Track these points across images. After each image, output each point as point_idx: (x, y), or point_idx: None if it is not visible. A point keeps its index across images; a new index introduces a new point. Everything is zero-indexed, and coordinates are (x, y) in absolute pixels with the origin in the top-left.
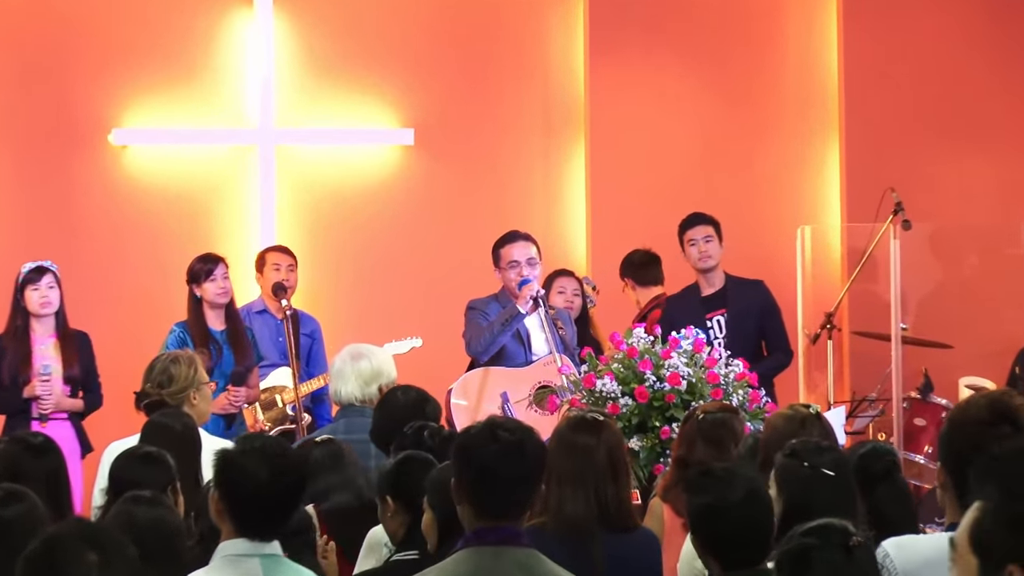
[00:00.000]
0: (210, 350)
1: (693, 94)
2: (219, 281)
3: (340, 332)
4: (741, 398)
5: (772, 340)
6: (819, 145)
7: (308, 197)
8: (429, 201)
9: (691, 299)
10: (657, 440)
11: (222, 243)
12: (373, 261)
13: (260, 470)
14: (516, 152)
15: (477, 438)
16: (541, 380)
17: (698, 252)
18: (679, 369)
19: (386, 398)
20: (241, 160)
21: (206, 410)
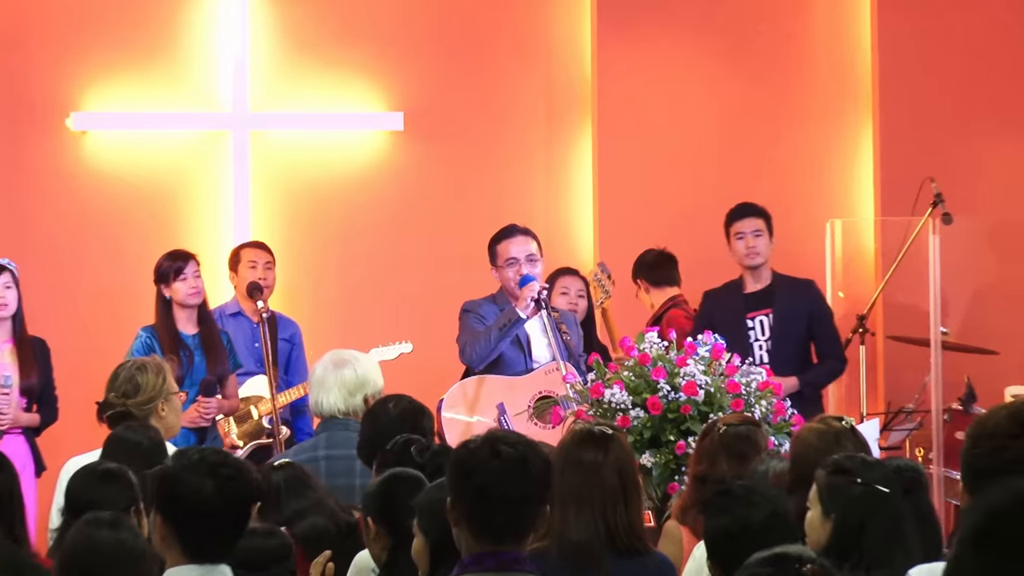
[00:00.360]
0: (180, 357)
1: (711, 75)
2: (190, 280)
3: (322, 337)
4: (764, 409)
5: (823, 346)
6: (850, 130)
7: (286, 188)
8: (420, 192)
9: (733, 295)
10: (671, 456)
11: (192, 239)
12: (358, 258)
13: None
14: (516, 138)
15: (476, 453)
16: (542, 390)
17: (745, 247)
18: (696, 377)
19: (374, 410)
20: (213, 147)
21: (175, 423)
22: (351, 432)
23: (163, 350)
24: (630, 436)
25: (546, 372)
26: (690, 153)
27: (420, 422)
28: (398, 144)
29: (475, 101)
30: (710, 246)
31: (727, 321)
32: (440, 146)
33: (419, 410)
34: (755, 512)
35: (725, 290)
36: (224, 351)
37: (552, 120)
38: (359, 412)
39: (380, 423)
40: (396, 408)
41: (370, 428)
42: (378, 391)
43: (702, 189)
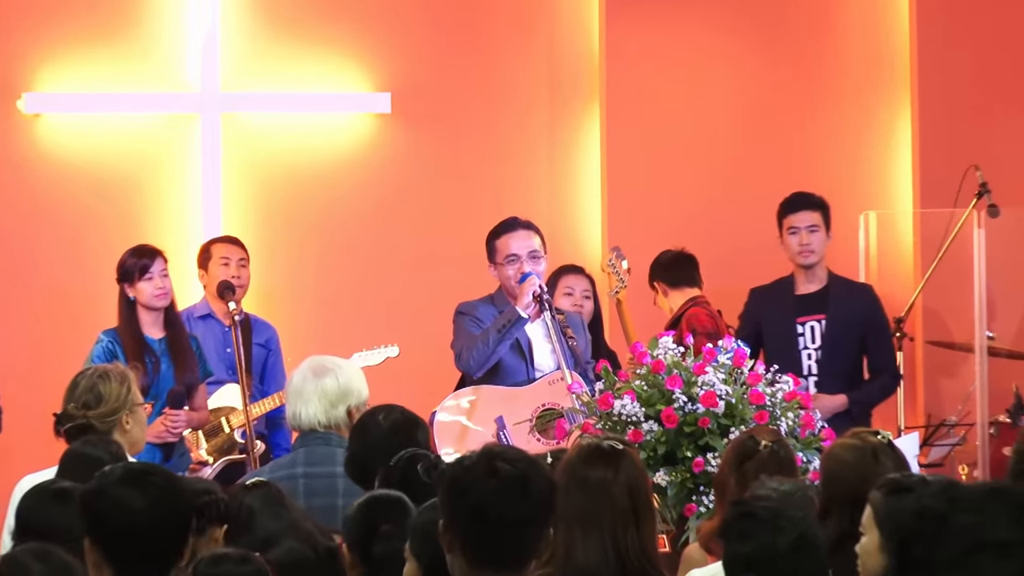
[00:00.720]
0: (146, 364)
1: (732, 53)
2: (157, 279)
3: (300, 341)
4: (791, 423)
5: (877, 359)
6: (886, 114)
7: (262, 177)
8: (409, 182)
9: (782, 295)
10: (688, 474)
11: (157, 233)
12: (341, 255)
13: (131, 498)
14: (516, 122)
15: (472, 471)
16: (546, 402)
17: (798, 243)
18: (715, 387)
19: (363, 422)
20: (180, 131)
21: (140, 437)
22: (333, 447)
23: (126, 356)
24: (642, 452)
25: (550, 382)
26: (709, 139)
27: (414, 435)
28: (385, 128)
29: (470, 81)
30: (732, 242)
31: (774, 324)
32: (432, 131)
33: (413, 422)
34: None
35: (774, 289)
36: (193, 358)
37: (556, 102)
38: (342, 425)
39: (370, 437)
40: (387, 420)
41: (359, 443)
42: (363, 402)
43: (722, 179)
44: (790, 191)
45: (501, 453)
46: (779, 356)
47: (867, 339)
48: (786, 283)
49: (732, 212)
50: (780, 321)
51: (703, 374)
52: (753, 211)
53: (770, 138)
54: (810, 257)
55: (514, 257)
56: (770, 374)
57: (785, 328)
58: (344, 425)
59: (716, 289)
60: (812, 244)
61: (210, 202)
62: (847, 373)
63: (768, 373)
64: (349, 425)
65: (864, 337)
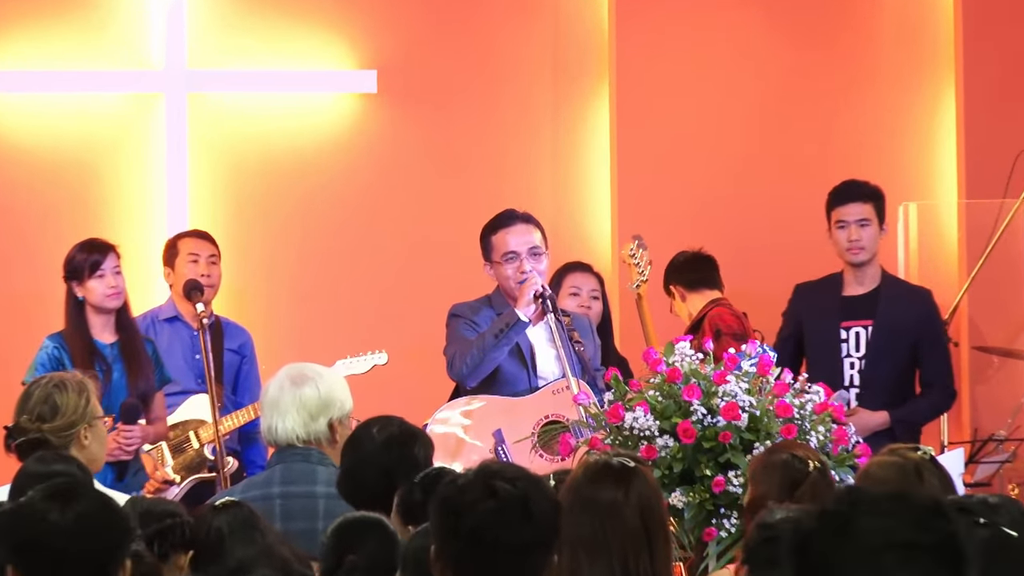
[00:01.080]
0: (96, 371)
1: (755, 27)
2: (109, 277)
3: (277, 347)
4: (822, 437)
5: (929, 373)
6: (927, 97)
7: (233, 164)
8: (398, 169)
9: (829, 295)
10: (708, 494)
11: (117, 226)
12: (321, 250)
13: (55, 517)
14: (516, 103)
15: (467, 492)
16: (549, 413)
17: (847, 239)
18: (738, 398)
19: (357, 436)
20: (141, 113)
21: (100, 454)
22: (312, 464)
23: (74, 363)
24: (656, 470)
25: (553, 391)
26: (730, 124)
27: (410, 450)
28: (370, 109)
29: (465, 57)
30: (756, 239)
31: (816, 328)
32: (422, 113)
33: (410, 435)
34: None
35: (820, 287)
36: (149, 364)
37: (561, 81)
38: (323, 440)
39: (362, 451)
40: (382, 433)
41: (351, 458)
42: (346, 414)
43: (745, 168)
44: (821, 181)
45: (499, 471)
46: (818, 363)
47: (920, 349)
48: (833, 282)
49: (756, 205)
50: (823, 324)
51: (724, 383)
52: (779, 204)
53: (798, 122)
54: (859, 255)
55: (513, 255)
56: (798, 383)
57: (827, 333)
58: (326, 440)
59: (739, 292)
60: (862, 240)
61: (175, 192)
62: (893, 386)
63: (796, 382)
64: (331, 440)
65: (916, 347)
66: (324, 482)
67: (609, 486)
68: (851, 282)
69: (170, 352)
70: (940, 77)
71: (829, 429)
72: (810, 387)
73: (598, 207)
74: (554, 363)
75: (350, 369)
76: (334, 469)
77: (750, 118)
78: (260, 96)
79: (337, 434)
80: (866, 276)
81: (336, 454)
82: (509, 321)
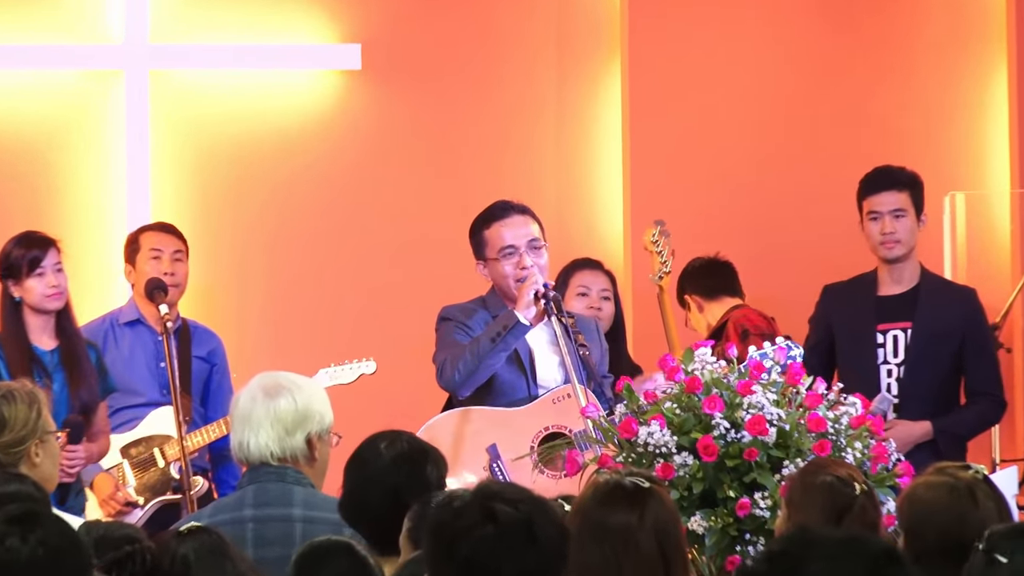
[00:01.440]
0: (35, 380)
1: (786, 2)
2: (49, 276)
3: (250, 354)
4: (859, 454)
5: (976, 380)
6: (977, 77)
7: (200, 148)
8: (385, 154)
9: (862, 296)
10: (731, 518)
11: (71, 218)
12: (300, 245)
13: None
14: (516, 82)
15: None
16: (551, 425)
17: (880, 232)
18: (765, 410)
19: (361, 454)
20: (98, 92)
21: (52, 473)
22: (288, 484)
23: (10, 371)
24: (674, 491)
25: (554, 399)
26: (757, 107)
27: (421, 469)
28: (353, 88)
29: (458, 30)
30: (783, 232)
31: (849, 331)
32: (411, 92)
33: (421, 452)
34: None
35: (852, 287)
36: (92, 372)
37: (566, 57)
38: (300, 457)
39: (368, 469)
40: (390, 450)
41: (355, 477)
42: (325, 428)
43: (774, 156)
44: (855, 170)
45: (500, 492)
46: (852, 372)
47: (964, 354)
48: (867, 281)
49: (783, 197)
50: (856, 328)
51: (750, 394)
52: (809, 195)
53: (831, 103)
54: (894, 249)
55: (511, 249)
56: (832, 394)
57: (862, 337)
58: (303, 457)
59: (765, 295)
60: (897, 233)
61: (136, 181)
62: (936, 395)
63: (830, 393)
64: (309, 457)
65: (960, 352)
66: (301, 504)
67: (622, 509)
68: (886, 281)
69: (132, 360)
70: (990, 52)
71: (867, 445)
72: (845, 398)
73: (609, 198)
74: (556, 369)
75: (334, 379)
76: (312, 490)
77: (777, 99)
78: (230, 73)
79: (316, 451)
80: (903, 274)
81: (315, 473)
82: (507, 324)
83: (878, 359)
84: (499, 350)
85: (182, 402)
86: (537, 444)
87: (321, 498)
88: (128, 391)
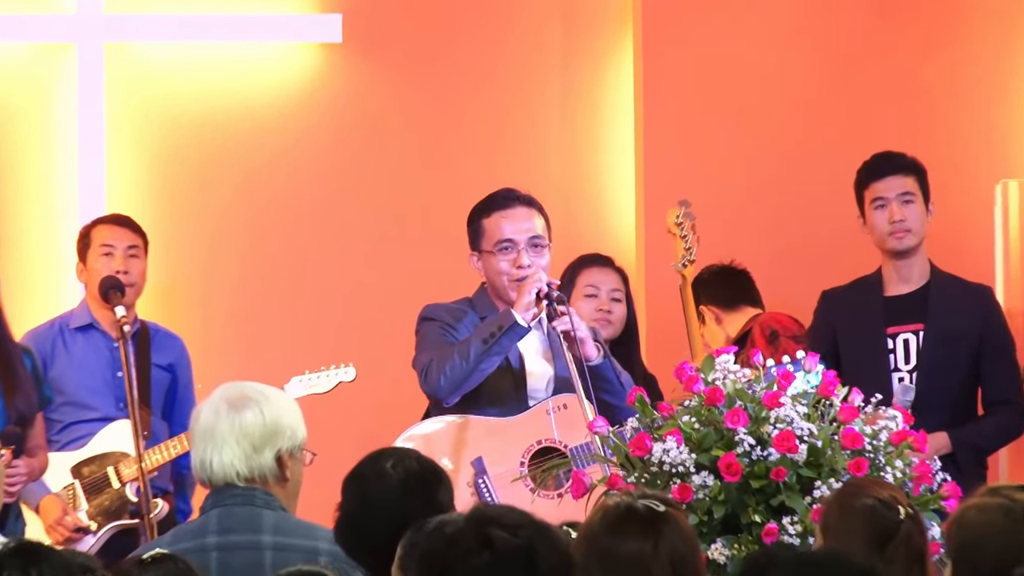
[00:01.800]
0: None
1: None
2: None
3: (216, 361)
4: (900, 474)
5: (994, 387)
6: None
7: (161, 130)
8: (367, 138)
9: (867, 298)
10: (756, 546)
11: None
12: (273, 239)
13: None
14: (516, 57)
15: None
16: (542, 438)
17: (887, 220)
18: (794, 424)
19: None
20: (48, 67)
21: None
22: (257, 507)
23: None
24: (692, 516)
25: (548, 410)
26: (784, 82)
27: (434, 492)
28: (333, 63)
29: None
30: (814, 228)
31: (856, 337)
32: (397, 67)
33: (434, 474)
34: None
35: (855, 290)
36: (28, 380)
37: (573, 30)
38: (269, 476)
39: (373, 492)
40: (398, 470)
41: (357, 499)
42: (297, 445)
43: (802, 137)
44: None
45: (496, 517)
46: (861, 381)
47: (982, 358)
48: (871, 282)
49: (818, 185)
50: (863, 333)
51: (777, 406)
52: (842, 184)
53: (867, 81)
54: (905, 238)
55: (508, 244)
56: (870, 407)
57: (870, 342)
58: (272, 477)
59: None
60: (908, 220)
61: (90, 167)
62: (952, 403)
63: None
64: (280, 476)
65: (978, 356)
66: (272, 530)
67: (634, 535)
68: (894, 279)
69: (84, 369)
70: None
71: (908, 464)
72: (884, 411)
73: (620, 187)
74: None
75: (309, 388)
76: (284, 514)
77: (809, 74)
78: (195, 47)
79: (288, 470)
80: (912, 271)
81: (287, 494)
82: (503, 324)
83: (890, 366)
84: (492, 353)
85: (141, 415)
86: (528, 459)
87: (294, 523)
88: (80, 404)
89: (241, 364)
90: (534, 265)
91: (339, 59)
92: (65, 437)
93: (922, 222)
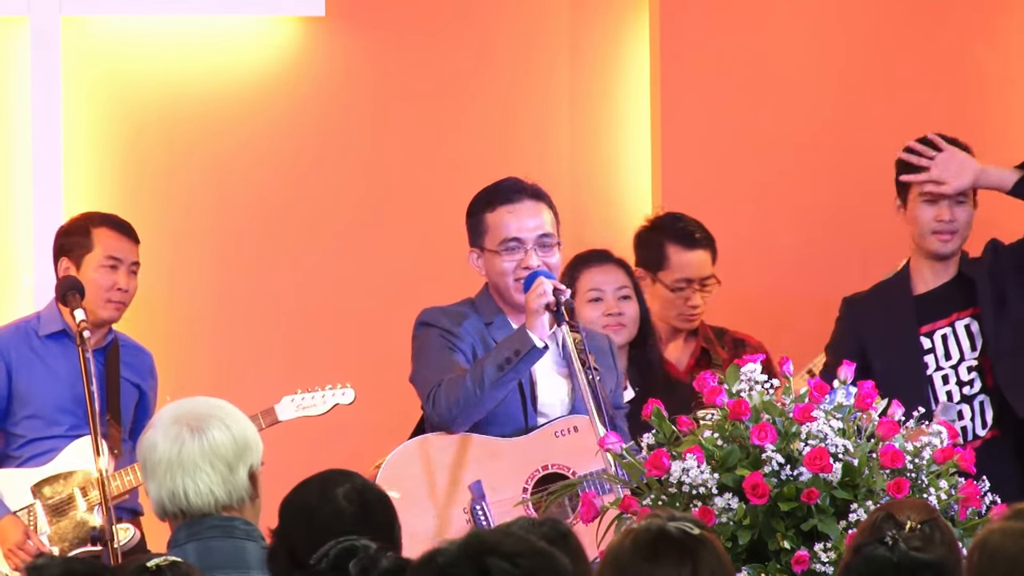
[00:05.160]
0: None
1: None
2: None
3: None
4: (944, 496)
5: None
6: None
7: (124, 113)
8: (353, 120)
9: (895, 299)
10: (786, 574)
11: None
12: (251, 237)
13: None
14: (519, 37)
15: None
16: (550, 464)
17: (934, 218)
18: (827, 441)
19: (306, 499)
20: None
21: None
22: (238, 540)
23: None
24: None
25: (557, 432)
26: (813, 63)
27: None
28: (315, 38)
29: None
30: (846, 221)
31: (887, 341)
32: (385, 44)
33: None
34: None
35: (880, 293)
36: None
37: (581, 9)
38: (246, 499)
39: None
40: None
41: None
42: (261, 456)
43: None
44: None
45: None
46: (895, 390)
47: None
48: (897, 282)
49: (848, 178)
50: (895, 335)
51: (809, 421)
52: (882, 175)
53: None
54: (950, 242)
55: (514, 243)
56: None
57: (904, 344)
58: (248, 496)
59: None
60: (957, 222)
61: (45, 153)
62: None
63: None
64: (253, 494)
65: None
66: (259, 566)
67: (670, 562)
68: (925, 277)
69: (52, 379)
70: None
71: (954, 485)
72: (927, 425)
73: (634, 177)
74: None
75: (302, 409)
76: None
77: (843, 54)
78: (162, 22)
79: (258, 486)
80: (949, 267)
81: (254, 514)
82: (520, 348)
83: (927, 368)
84: (508, 380)
85: (111, 433)
86: (532, 485)
87: None
88: (46, 418)
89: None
90: (542, 266)
91: (322, 34)
92: (27, 452)
93: (969, 225)
